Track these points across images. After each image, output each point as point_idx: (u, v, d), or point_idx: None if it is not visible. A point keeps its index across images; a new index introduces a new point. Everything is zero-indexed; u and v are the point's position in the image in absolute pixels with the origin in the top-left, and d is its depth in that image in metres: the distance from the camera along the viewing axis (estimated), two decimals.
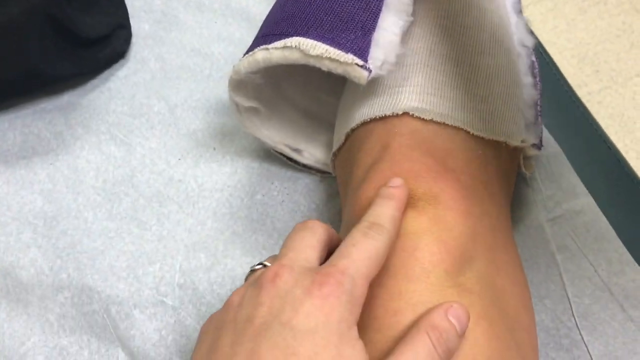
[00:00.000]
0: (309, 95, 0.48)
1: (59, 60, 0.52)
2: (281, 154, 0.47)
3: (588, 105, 1.32)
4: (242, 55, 0.40)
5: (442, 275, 0.30)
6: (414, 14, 0.41)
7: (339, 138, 0.42)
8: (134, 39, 0.57)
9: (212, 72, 0.54)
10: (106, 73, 0.56)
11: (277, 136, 0.46)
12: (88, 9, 0.53)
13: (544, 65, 0.53)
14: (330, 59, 0.36)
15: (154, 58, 0.56)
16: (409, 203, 0.32)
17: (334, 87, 0.46)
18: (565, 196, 0.42)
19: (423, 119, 0.37)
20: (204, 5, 0.58)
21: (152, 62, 0.56)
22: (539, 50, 0.54)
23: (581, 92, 1.41)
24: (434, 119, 0.37)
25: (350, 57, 0.36)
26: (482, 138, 0.38)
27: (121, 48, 0.56)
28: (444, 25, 0.41)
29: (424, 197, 0.32)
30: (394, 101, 0.38)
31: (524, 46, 0.44)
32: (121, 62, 0.56)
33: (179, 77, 0.55)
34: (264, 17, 0.44)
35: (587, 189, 0.43)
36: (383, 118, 0.38)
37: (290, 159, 0.47)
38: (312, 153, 0.47)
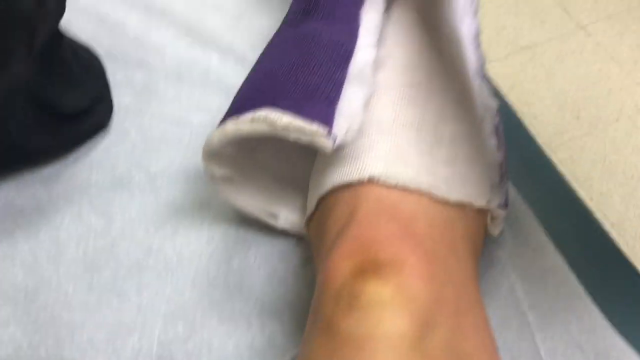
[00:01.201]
0: (283, 159, 0.49)
1: (40, 135, 0.53)
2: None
3: (570, 151, 1.35)
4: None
5: (406, 345, 0.30)
6: (377, 82, 0.43)
7: (310, 205, 0.43)
8: (115, 111, 0.59)
9: (191, 141, 0.56)
10: (88, 144, 0.57)
11: (252, 202, 0.47)
12: (69, 84, 0.55)
13: (510, 123, 0.54)
14: (296, 129, 0.38)
15: (135, 129, 0.57)
16: (374, 271, 0.33)
17: (308, 150, 0.48)
18: (535, 255, 0.43)
19: (388, 184, 0.38)
20: (184, 76, 0.60)
21: (133, 133, 0.57)
22: (505, 109, 0.56)
23: (563, 139, 1.44)
24: (399, 184, 0.38)
25: (315, 127, 0.38)
26: (447, 201, 0.39)
27: (102, 121, 0.57)
28: (408, 93, 0.43)
29: (389, 265, 0.33)
30: (360, 168, 0.39)
31: (488, 109, 0.46)
32: (102, 133, 0.58)
33: (159, 146, 0.56)
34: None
35: (557, 246, 0.44)
36: (350, 185, 0.39)
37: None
38: (288, 217, 0.48)
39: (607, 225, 1.30)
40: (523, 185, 0.47)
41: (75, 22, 0.64)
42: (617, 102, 1.47)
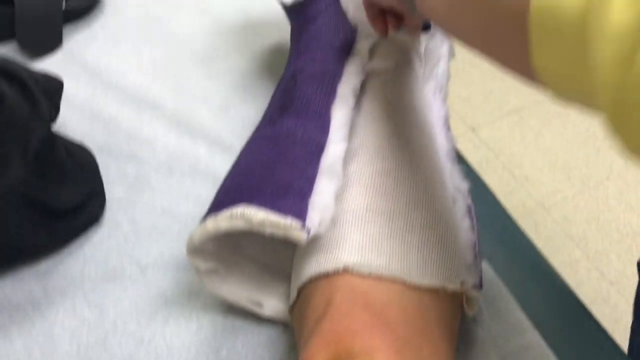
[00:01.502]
0: (267, 249, 0.51)
1: (35, 232, 0.55)
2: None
3: (564, 210, 1.36)
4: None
5: None
6: (350, 172, 0.46)
7: (292, 294, 0.45)
8: (108, 204, 0.61)
9: (181, 231, 0.58)
10: (81, 238, 0.59)
11: (237, 292, 0.49)
12: (63, 183, 0.58)
13: (484, 199, 0.56)
14: (271, 224, 0.40)
15: (127, 221, 0.60)
16: None
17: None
18: (513, 332, 0.44)
19: (362, 273, 0.40)
20: (174, 167, 0.63)
21: (125, 225, 0.59)
22: (478, 185, 0.59)
23: (556, 199, 1.46)
24: (372, 273, 0.40)
25: (289, 221, 0.40)
26: (420, 286, 0.40)
27: (95, 214, 0.60)
28: (379, 182, 0.46)
29: (360, 354, 0.35)
30: (335, 258, 0.41)
31: (460, 191, 0.48)
32: (96, 226, 0.60)
33: (150, 238, 0.58)
34: None
35: (534, 323, 0.45)
36: (326, 274, 0.41)
37: None
38: (273, 305, 0.49)
39: (606, 284, 1.30)
40: (498, 263, 0.49)
41: (70, 119, 0.68)
42: (606, 161, 1.50)
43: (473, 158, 1.56)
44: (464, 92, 1.71)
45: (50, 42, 0.74)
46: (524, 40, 0.29)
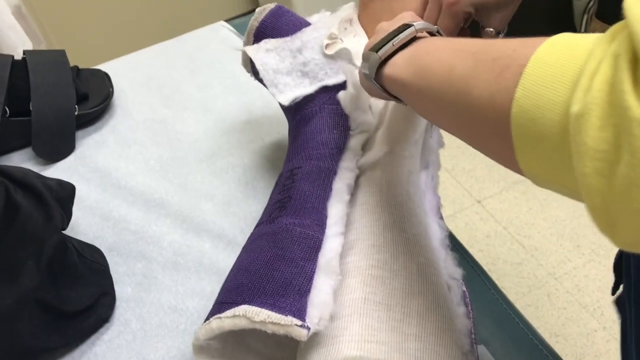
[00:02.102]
0: (270, 343, 0.52)
1: (47, 335, 0.57)
2: None
3: (575, 279, 1.35)
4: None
5: None
6: (347, 264, 0.48)
7: None
8: (117, 302, 0.63)
9: (187, 327, 0.60)
10: (92, 338, 0.61)
11: None
12: (74, 284, 0.60)
13: (480, 283, 0.58)
14: (272, 323, 0.42)
15: (135, 319, 0.62)
16: None
17: None
18: None
19: None
20: (180, 264, 0.65)
21: (133, 323, 0.61)
22: (474, 269, 0.60)
23: (566, 268, 1.46)
24: None
25: (289, 320, 0.41)
26: None
27: (106, 314, 0.62)
28: (376, 273, 0.48)
29: None
30: (335, 352, 0.43)
31: (454, 279, 0.50)
32: (106, 325, 0.62)
33: (157, 335, 0.60)
34: None
35: None
36: None
37: None
38: None
39: None
40: (496, 347, 0.50)
41: (82, 221, 0.71)
42: None
43: (481, 231, 1.57)
44: (468, 165, 1.74)
45: (63, 149, 0.78)
46: (506, 139, 0.30)
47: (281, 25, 0.64)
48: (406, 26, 0.45)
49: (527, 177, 0.31)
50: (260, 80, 0.65)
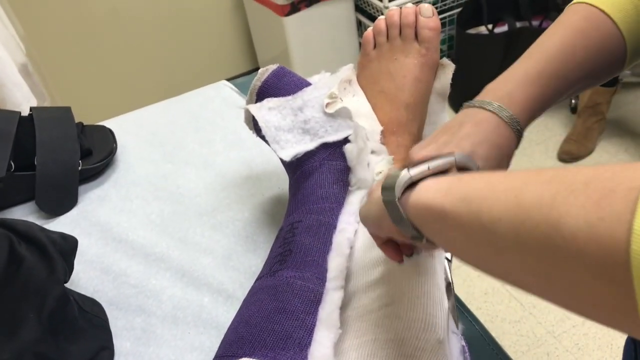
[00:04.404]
0: None
1: None
2: None
3: (575, 338, 1.33)
4: None
5: None
6: (346, 319, 0.48)
7: None
8: (116, 357, 0.63)
9: None
10: None
11: None
12: (74, 338, 0.60)
13: (481, 339, 0.58)
14: None
15: None
16: None
17: None
18: None
19: None
20: (179, 319, 0.65)
21: None
22: (476, 327, 0.60)
23: (566, 326, 1.45)
24: None
25: None
26: None
27: None
28: (375, 339, 0.48)
29: None
30: None
31: (454, 332, 0.50)
32: None
33: None
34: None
35: None
36: None
37: None
38: None
39: None
40: None
41: (83, 275, 0.71)
42: None
43: (479, 287, 1.56)
44: None
45: (66, 203, 0.80)
46: (612, 282, 0.23)
47: (283, 85, 0.66)
48: (445, 154, 0.40)
49: None
50: (262, 137, 0.67)
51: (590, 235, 0.23)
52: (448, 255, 0.56)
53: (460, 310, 0.64)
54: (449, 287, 0.54)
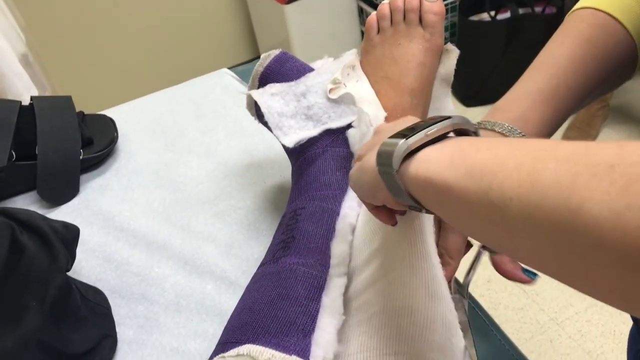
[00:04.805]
0: None
1: None
2: None
3: (577, 325, 1.33)
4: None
5: None
6: (351, 310, 0.47)
7: None
8: (119, 345, 0.63)
9: None
10: None
11: None
12: (77, 326, 0.60)
13: (485, 327, 0.58)
14: None
15: None
16: None
17: None
18: None
19: None
20: (182, 306, 0.65)
21: None
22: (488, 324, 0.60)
23: (569, 313, 1.45)
24: None
25: (293, 359, 0.41)
26: None
27: (107, 357, 0.61)
28: (383, 308, 0.47)
29: None
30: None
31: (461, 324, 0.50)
32: None
33: None
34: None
35: None
36: None
37: None
38: None
39: None
40: None
41: (85, 264, 0.71)
42: None
43: (482, 276, 1.56)
44: None
45: (67, 193, 0.79)
46: (633, 270, 0.22)
47: (285, 70, 0.66)
48: (439, 118, 0.36)
49: None
50: (265, 124, 0.66)
51: (616, 223, 0.22)
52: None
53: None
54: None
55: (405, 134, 0.35)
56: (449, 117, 0.36)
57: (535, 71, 0.49)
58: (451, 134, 0.36)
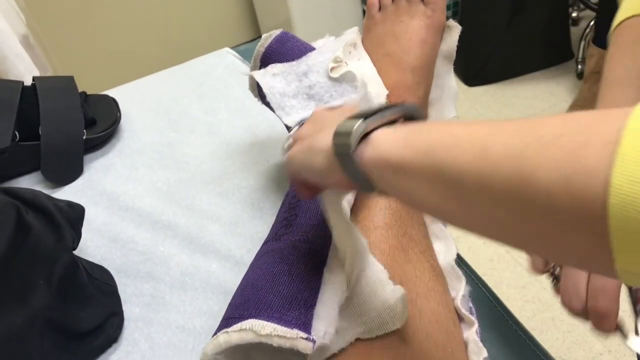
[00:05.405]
0: (278, 358, 0.53)
1: (56, 355, 0.57)
2: None
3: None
4: None
5: None
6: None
7: None
8: (126, 323, 0.64)
9: (195, 346, 0.60)
10: (101, 358, 0.61)
11: None
12: (84, 304, 0.61)
13: (489, 304, 0.58)
14: (278, 336, 0.42)
15: (144, 339, 0.62)
16: None
17: None
18: None
19: None
20: (187, 284, 0.66)
21: (142, 343, 0.62)
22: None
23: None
24: None
25: (295, 332, 0.42)
26: None
27: (114, 334, 0.62)
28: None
29: None
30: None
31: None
32: (115, 345, 0.62)
33: (165, 354, 0.60)
34: None
35: None
36: None
37: None
38: None
39: None
40: None
41: (91, 243, 0.72)
42: None
43: (484, 254, 1.57)
44: None
45: (71, 173, 0.80)
46: (588, 233, 0.23)
47: (287, 50, 0.65)
48: (392, 105, 0.38)
49: (621, 278, 0.24)
50: (267, 104, 0.66)
51: (566, 189, 0.23)
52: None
53: (467, 274, 0.65)
54: None
55: (362, 116, 0.35)
56: (402, 104, 0.37)
57: (616, 87, 0.48)
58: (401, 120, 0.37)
